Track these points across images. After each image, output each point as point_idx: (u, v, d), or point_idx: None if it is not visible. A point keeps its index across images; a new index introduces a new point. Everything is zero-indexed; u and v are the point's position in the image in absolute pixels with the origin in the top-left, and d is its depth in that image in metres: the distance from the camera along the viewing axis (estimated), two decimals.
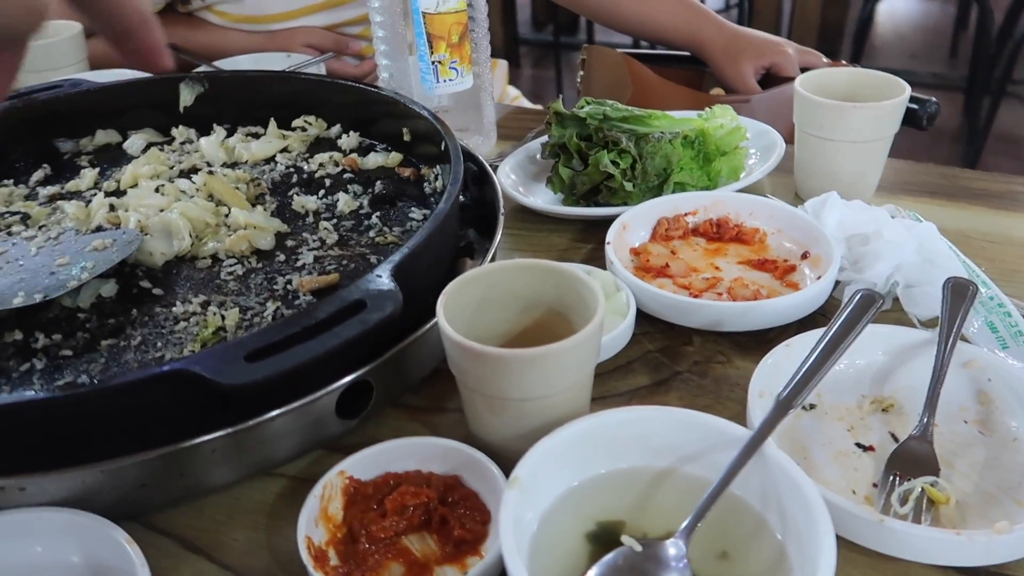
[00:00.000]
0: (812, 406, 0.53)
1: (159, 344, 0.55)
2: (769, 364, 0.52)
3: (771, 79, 1.10)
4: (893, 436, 0.51)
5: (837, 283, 0.64)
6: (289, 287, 0.60)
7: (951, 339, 0.52)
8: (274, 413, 0.47)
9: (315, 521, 0.45)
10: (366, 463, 0.48)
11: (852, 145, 0.73)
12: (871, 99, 0.74)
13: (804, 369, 0.46)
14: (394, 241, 0.66)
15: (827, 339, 0.48)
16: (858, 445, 0.50)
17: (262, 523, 0.48)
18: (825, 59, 1.09)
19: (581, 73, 1.12)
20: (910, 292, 0.61)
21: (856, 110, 0.71)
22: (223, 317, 0.57)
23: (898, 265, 0.62)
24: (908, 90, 0.73)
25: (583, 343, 0.45)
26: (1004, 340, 0.56)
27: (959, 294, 0.55)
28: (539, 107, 1.25)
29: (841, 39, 3.69)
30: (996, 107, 2.78)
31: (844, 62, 1.02)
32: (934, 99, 0.95)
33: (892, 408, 0.53)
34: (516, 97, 1.40)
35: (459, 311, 0.49)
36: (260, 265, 0.63)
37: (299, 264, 0.63)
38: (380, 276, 0.50)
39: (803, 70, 1.08)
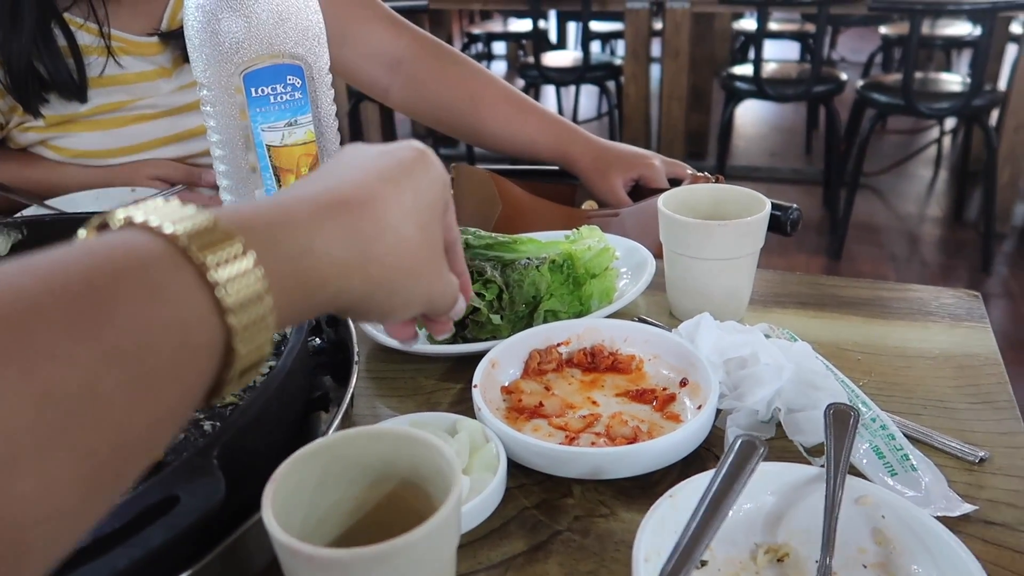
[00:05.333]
0: (703, 563, 0.48)
1: None
2: (653, 521, 0.47)
3: (641, 191, 1.10)
4: None
5: (719, 412, 0.60)
6: None
7: (839, 475, 0.49)
8: None
9: None
10: None
11: (720, 263, 0.71)
12: (734, 214, 0.74)
13: (689, 533, 0.41)
14: (233, 401, 0.58)
15: (710, 495, 0.43)
16: None
17: None
18: (691, 170, 1.11)
19: (451, 192, 1.10)
20: (793, 418, 0.58)
21: (720, 228, 0.70)
22: None
23: (778, 389, 0.59)
24: (768, 204, 0.73)
25: (439, 528, 0.39)
26: (891, 466, 0.54)
27: (841, 422, 0.52)
28: None
29: (707, 142, 3.91)
30: (852, 198, 2.97)
31: (708, 174, 1.04)
32: (795, 205, 0.97)
33: (787, 557, 0.48)
34: None
35: (295, 494, 0.42)
36: None
37: None
38: (198, 462, 0.42)
39: (671, 181, 1.09)
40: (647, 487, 0.55)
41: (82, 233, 0.33)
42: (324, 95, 0.77)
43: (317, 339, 0.66)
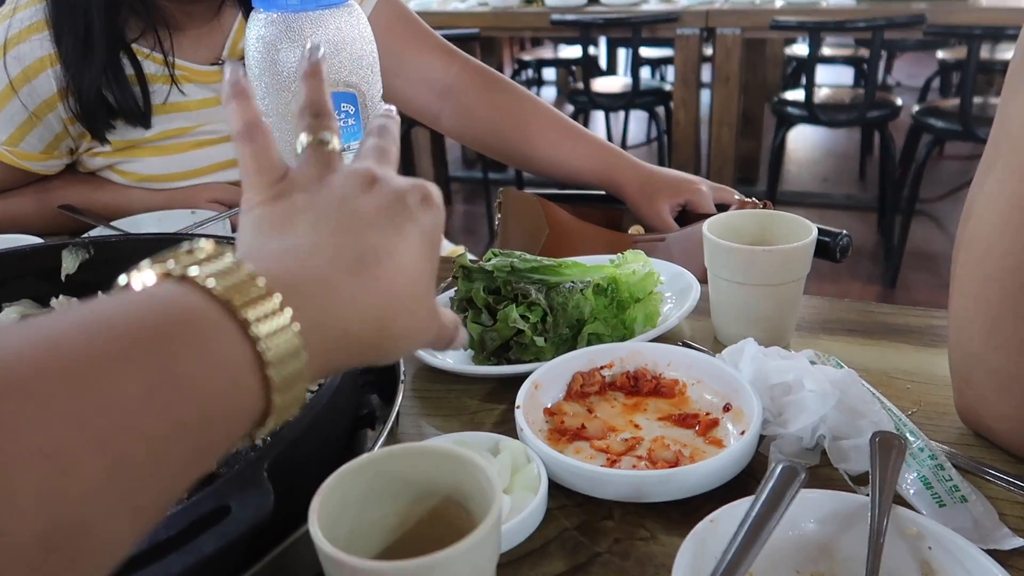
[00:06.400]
0: None
1: None
2: (692, 546, 0.47)
3: (688, 216, 1.10)
4: None
5: (762, 438, 0.60)
6: None
7: (884, 504, 0.48)
8: None
9: None
10: None
11: (765, 288, 0.71)
12: (780, 240, 0.74)
13: (728, 559, 0.41)
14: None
15: (750, 521, 0.43)
16: None
17: None
18: (738, 195, 1.11)
19: (499, 216, 1.12)
20: (837, 446, 0.57)
21: (765, 254, 0.70)
22: None
23: (823, 416, 0.58)
24: (815, 230, 0.73)
25: (479, 544, 0.40)
26: (940, 497, 0.52)
27: (887, 450, 0.52)
28: (460, 249, 1.23)
29: (757, 168, 3.88)
30: (908, 225, 2.91)
31: (755, 200, 1.04)
32: (845, 232, 0.96)
33: None
34: None
35: (341, 508, 0.43)
36: None
37: None
38: (251, 473, 0.44)
39: (718, 206, 1.09)
40: (688, 512, 0.55)
41: (123, 280, 0.34)
42: None
43: None
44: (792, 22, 2.99)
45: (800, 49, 4.54)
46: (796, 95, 3.15)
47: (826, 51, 4.59)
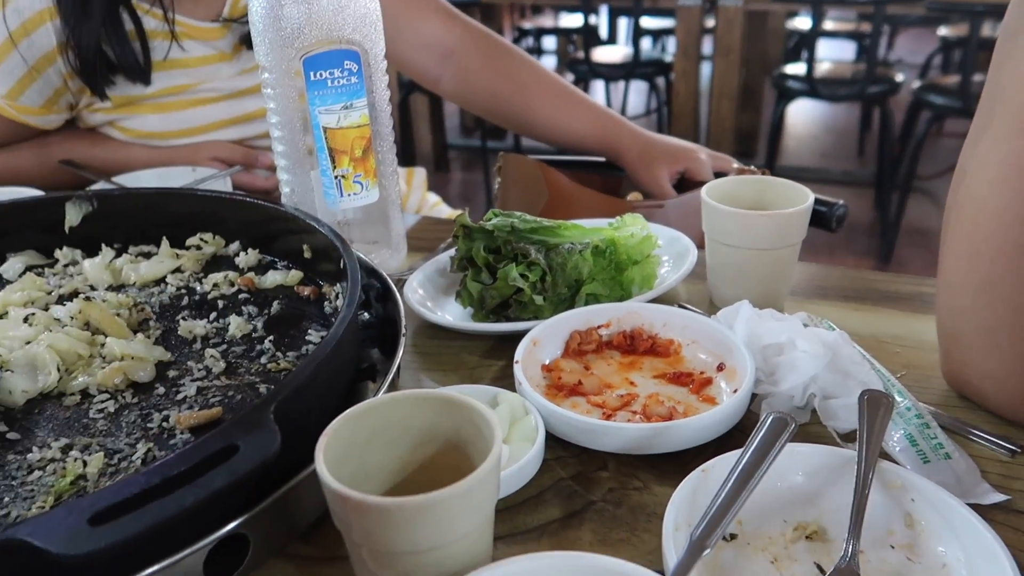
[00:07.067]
0: (733, 536, 0.49)
1: (5, 500, 0.49)
2: (684, 493, 0.48)
3: (686, 183, 1.11)
4: (819, 567, 0.47)
5: (754, 396, 0.62)
6: (166, 424, 0.55)
7: (870, 458, 0.50)
8: None
9: None
10: None
11: (760, 252, 0.72)
12: (777, 206, 0.74)
13: (718, 503, 0.43)
14: (287, 367, 0.61)
15: (740, 467, 0.45)
16: None
17: None
18: (736, 163, 1.11)
19: (498, 180, 1.12)
20: (827, 404, 0.59)
21: (761, 218, 0.71)
22: (85, 463, 0.51)
23: (814, 376, 0.60)
24: (812, 197, 0.74)
25: (478, 485, 0.41)
26: (925, 454, 0.54)
27: (875, 408, 0.53)
28: (459, 212, 1.24)
29: (756, 141, 3.87)
30: (904, 202, 2.92)
31: (754, 168, 1.05)
32: (841, 202, 0.97)
33: (816, 535, 0.49)
34: (436, 204, 1.39)
35: (346, 450, 0.45)
36: (136, 400, 0.58)
37: (180, 397, 0.58)
38: (259, 415, 0.45)
39: (716, 174, 1.10)
40: (681, 465, 0.56)
41: None
42: (379, 80, 0.80)
43: (366, 313, 0.69)
44: None
45: (802, 22, 4.51)
46: (797, 69, 3.14)
47: (828, 25, 4.56)
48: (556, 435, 0.58)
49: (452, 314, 0.76)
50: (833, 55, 5.17)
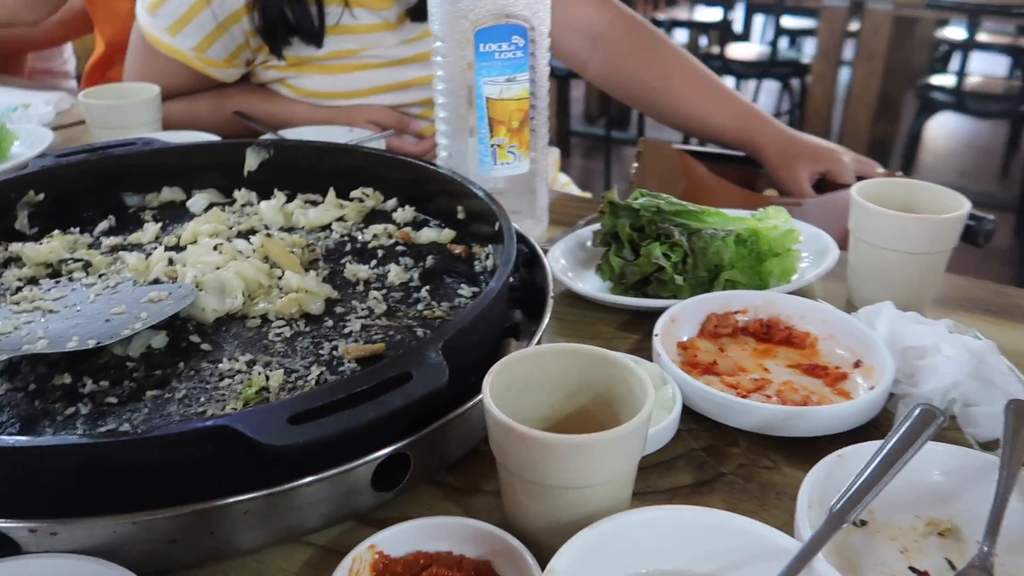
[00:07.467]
0: (863, 523, 0.51)
1: (202, 399, 0.55)
2: (820, 474, 0.50)
3: (825, 184, 1.10)
4: (950, 563, 0.48)
5: (891, 396, 0.62)
6: (334, 353, 0.60)
7: (1014, 466, 0.50)
8: (311, 479, 0.46)
9: None
10: (397, 539, 0.46)
11: (910, 256, 0.72)
12: (928, 212, 0.74)
13: (860, 481, 0.44)
14: (441, 316, 0.66)
15: (885, 452, 0.46)
16: (912, 570, 0.47)
17: None
18: (880, 168, 1.09)
19: (636, 165, 1.14)
20: (968, 411, 0.59)
21: (916, 222, 0.70)
22: (267, 377, 0.57)
23: (956, 382, 0.60)
24: (968, 205, 0.72)
25: (631, 434, 0.44)
26: None
27: (1021, 417, 0.53)
28: (588, 195, 1.27)
29: (890, 152, 3.71)
30: None
31: (900, 173, 1.03)
32: (992, 217, 0.94)
33: (949, 532, 0.50)
34: (566, 183, 1.42)
35: (503, 391, 0.49)
36: (308, 329, 0.64)
37: (346, 331, 0.63)
38: (429, 350, 0.49)
39: (859, 179, 1.08)
40: (812, 451, 0.57)
41: None
42: (541, 56, 0.83)
43: (512, 277, 0.73)
44: (951, 2, 2.83)
45: (953, 32, 4.27)
46: (944, 80, 2.99)
47: (981, 36, 4.30)
48: (691, 407, 0.61)
49: (590, 286, 0.79)
50: (983, 69, 4.88)
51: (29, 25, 1.56)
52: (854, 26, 3.43)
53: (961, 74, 2.84)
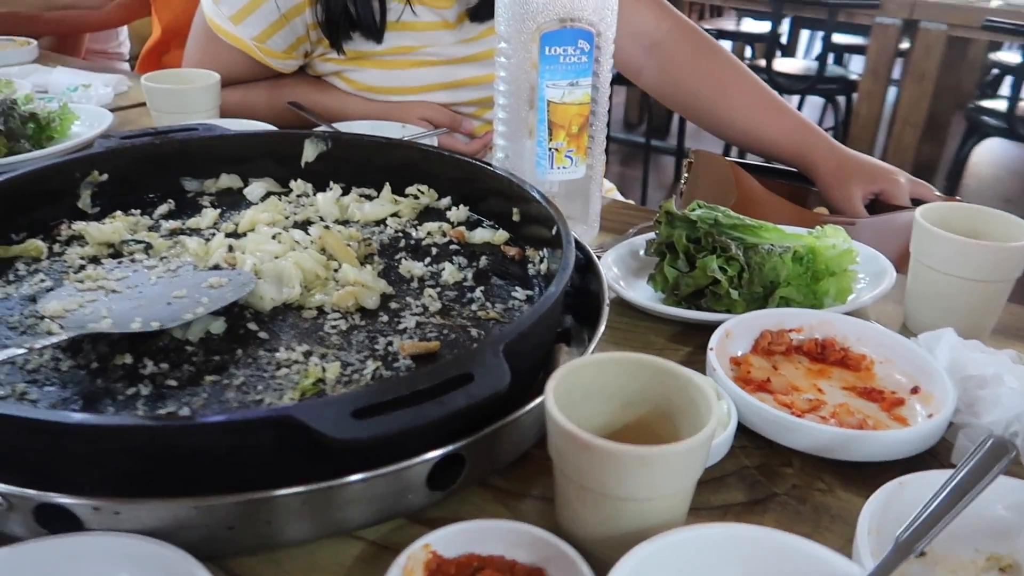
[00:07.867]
0: (922, 553, 0.50)
1: (259, 387, 0.56)
2: (880, 500, 0.49)
3: (878, 205, 1.08)
4: None
5: (950, 425, 0.61)
6: (390, 348, 0.61)
7: None
8: (368, 474, 0.46)
9: None
10: (451, 540, 0.46)
11: (973, 283, 0.70)
12: (992, 239, 0.72)
13: (928, 512, 0.44)
14: (495, 317, 0.66)
15: (954, 483, 0.45)
16: None
17: None
18: (937, 192, 1.08)
19: (686, 175, 1.13)
20: None
21: (982, 249, 0.69)
22: (324, 369, 0.57)
23: (1019, 414, 0.58)
24: None
25: (696, 448, 0.44)
26: None
27: None
28: (631, 202, 1.26)
29: (934, 175, 3.65)
30: None
31: (959, 199, 1.01)
32: None
33: (1011, 568, 0.49)
34: (610, 189, 1.42)
35: (564, 396, 0.48)
36: (363, 323, 0.64)
37: (401, 327, 0.63)
38: (490, 351, 0.49)
39: (914, 201, 1.06)
40: (867, 476, 0.57)
41: None
42: (605, 62, 0.83)
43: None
44: (1008, 24, 2.78)
45: (1008, 56, 4.19)
46: (996, 104, 2.94)
47: None
48: (745, 424, 0.60)
49: (641, 295, 0.78)
50: None
51: (92, 7, 1.59)
52: (904, 44, 3.38)
53: (1014, 99, 2.79)
